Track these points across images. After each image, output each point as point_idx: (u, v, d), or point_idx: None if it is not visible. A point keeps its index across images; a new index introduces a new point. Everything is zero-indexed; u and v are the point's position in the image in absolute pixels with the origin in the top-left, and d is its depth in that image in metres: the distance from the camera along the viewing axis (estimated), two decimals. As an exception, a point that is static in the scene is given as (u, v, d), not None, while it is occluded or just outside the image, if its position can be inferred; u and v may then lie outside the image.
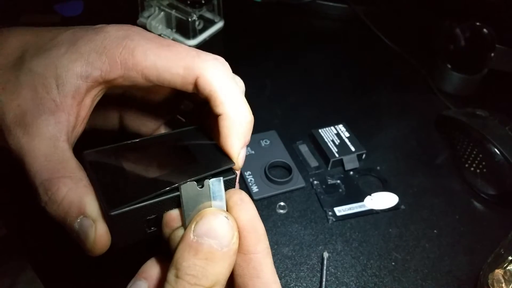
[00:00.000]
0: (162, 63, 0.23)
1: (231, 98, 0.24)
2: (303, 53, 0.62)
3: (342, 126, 0.48)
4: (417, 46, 0.63)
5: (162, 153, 0.25)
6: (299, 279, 0.36)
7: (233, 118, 0.24)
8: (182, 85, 0.24)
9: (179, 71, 0.23)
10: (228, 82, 0.24)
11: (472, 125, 0.45)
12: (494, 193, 0.43)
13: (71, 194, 0.21)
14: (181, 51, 0.24)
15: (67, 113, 0.23)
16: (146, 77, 0.23)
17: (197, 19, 0.58)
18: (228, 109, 0.24)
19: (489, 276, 0.34)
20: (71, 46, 0.23)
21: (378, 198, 0.42)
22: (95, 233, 0.21)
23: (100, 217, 0.21)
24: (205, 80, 0.23)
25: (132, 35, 0.24)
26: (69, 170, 0.22)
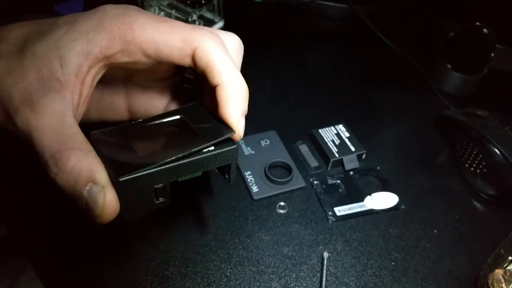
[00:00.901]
0: (160, 36, 0.24)
1: (228, 68, 0.25)
2: (303, 53, 0.62)
3: (342, 126, 0.48)
4: (417, 46, 0.63)
5: (164, 129, 0.26)
6: (299, 279, 0.36)
7: (230, 87, 0.25)
8: (179, 57, 0.24)
9: (177, 44, 0.24)
10: (224, 54, 0.25)
11: (472, 125, 0.45)
12: (494, 193, 0.43)
13: (81, 163, 0.22)
14: (178, 25, 0.25)
15: (71, 91, 0.23)
16: (145, 51, 0.24)
17: (197, 19, 0.58)
18: (225, 78, 0.24)
19: (489, 276, 0.34)
20: (70, 26, 0.24)
21: (378, 198, 0.42)
22: (104, 198, 0.22)
23: (109, 184, 0.22)
24: (202, 51, 0.24)
25: (129, 11, 0.24)
26: (78, 142, 0.22)
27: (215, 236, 0.38)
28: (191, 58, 0.25)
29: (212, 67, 0.24)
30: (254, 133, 0.48)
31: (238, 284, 0.35)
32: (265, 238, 0.39)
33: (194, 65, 0.25)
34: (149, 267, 0.36)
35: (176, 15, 0.57)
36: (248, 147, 0.46)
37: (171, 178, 0.23)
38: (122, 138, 0.25)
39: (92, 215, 0.22)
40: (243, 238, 0.38)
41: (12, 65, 0.23)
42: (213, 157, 0.24)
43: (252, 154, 0.45)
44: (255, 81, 0.55)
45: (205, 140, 0.24)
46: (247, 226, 0.39)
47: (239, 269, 0.36)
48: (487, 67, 0.54)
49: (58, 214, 0.38)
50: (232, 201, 0.41)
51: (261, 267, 0.36)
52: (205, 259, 0.36)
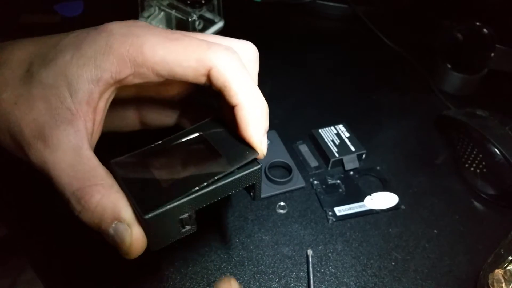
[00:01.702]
0: (172, 57, 0.23)
1: (245, 87, 0.24)
2: (303, 53, 0.62)
3: (342, 126, 0.48)
4: (417, 46, 0.63)
5: (185, 152, 0.25)
6: (299, 279, 0.36)
7: (249, 107, 0.24)
8: (194, 78, 0.24)
9: (191, 64, 0.23)
10: (241, 72, 0.24)
11: (472, 125, 0.45)
12: (494, 193, 0.43)
13: (105, 200, 0.21)
14: (191, 43, 0.23)
15: (84, 120, 0.22)
16: (157, 72, 0.23)
17: (197, 19, 0.58)
18: (243, 98, 0.24)
19: (489, 276, 0.34)
20: (76, 51, 0.23)
21: (378, 198, 0.42)
22: (131, 237, 0.21)
23: (135, 221, 0.22)
24: (217, 71, 0.23)
25: (137, 31, 0.23)
26: (99, 177, 0.22)
27: (215, 236, 0.38)
28: (207, 77, 0.24)
29: (229, 87, 0.23)
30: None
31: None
32: (265, 238, 0.39)
33: (210, 84, 0.24)
34: (149, 267, 0.36)
35: (176, 15, 0.57)
36: (248, 147, 0.46)
37: (196, 206, 0.23)
38: (143, 166, 0.24)
39: (120, 252, 0.22)
40: (243, 238, 0.38)
41: (19, 94, 0.22)
42: (239, 180, 0.24)
43: (252, 154, 0.45)
44: (255, 81, 0.56)
45: (229, 163, 0.24)
46: (247, 226, 0.39)
47: (239, 269, 0.36)
48: (487, 67, 0.54)
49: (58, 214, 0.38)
50: (232, 201, 0.41)
51: (261, 267, 0.36)
52: (205, 259, 0.36)
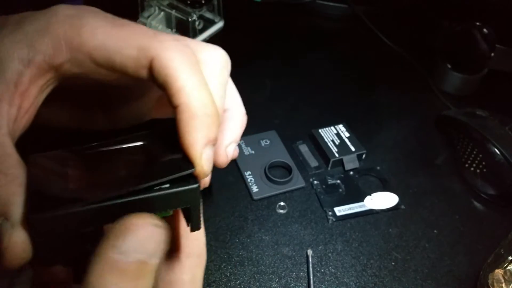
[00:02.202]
0: (112, 42, 0.20)
1: (190, 86, 0.20)
2: (303, 53, 0.62)
3: (342, 126, 0.48)
4: (417, 46, 0.63)
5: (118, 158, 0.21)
6: (299, 279, 0.36)
7: (193, 109, 0.19)
8: (134, 69, 0.20)
9: (132, 52, 0.20)
10: (189, 66, 0.20)
11: (472, 125, 0.44)
12: (494, 193, 0.43)
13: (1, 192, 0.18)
14: (137, 30, 0.20)
15: (8, 103, 0.19)
16: (95, 59, 0.20)
17: (197, 19, 0.58)
18: (187, 97, 0.19)
19: (489, 276, 0.34)
20: (17, 26, 0.20)
21: (378, 198, 0.42)
22: (9, 239, 0.17)
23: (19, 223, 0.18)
24: (160, 62, 0.19)
25: (83, 13, 0.20)
26: (5, 166, 0.18)
27: (215, 236, 0.38)
28: (148, 71, 0.20)
29: (171, 83, 0.19)
30: (254, 133, 0.48)
31: (238, 284, 0.35)
32: (265, 238, 0.39)
33: (152, 80, 0.20)
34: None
35: (176, 15, 0.57)
36: (248, 147, 0.46)
37: (105, 221, 0.18)
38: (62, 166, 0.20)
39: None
40: (243, 238, 0.38)
41: None
42: (162, 198, 0.19)
43: (252, 154, 0.45)
44: (255, 81, 0.56)
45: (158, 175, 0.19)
46: (247, 226, 0.39)
47: (239, 269, 0.36)
48: (487, 67, 0.54)
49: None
50: (232, 201, 0.41)
51: (261, 267, 0.36)
52: (205, 259, 0.36)
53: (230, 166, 0.44)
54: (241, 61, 0.57)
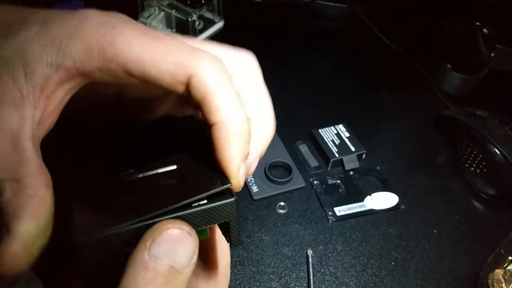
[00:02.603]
0: (149, 56, 0.19)
1: (228, 104, 0.20)
2: (303, 53, 0.62)
3: (342, 126, 0.48)
4: (417, 46, 0.63)
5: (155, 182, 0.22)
6: (299, 279, 0.36)
7: (230, 127, 0.20)
8: (171, 84, 0.20)
9: (169, 67, 0.20)
10: (226, 86, 0.21)
11: (472, 125, 0.44)
12: (494, 193, 0.43)
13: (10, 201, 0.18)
14: (174, 44, 0.20)
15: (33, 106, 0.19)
16: (129, 71, 0.20)
17: (197, 19, 0.58)
18: (224, 116, 0.20)
19: (489, 276, 0.34)
20: (42, 28, 0.20)
21: (378, 198, 0.42)
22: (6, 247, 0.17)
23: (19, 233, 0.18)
24: (199, 80, 0.20)
25: (115, 22, 0.20)
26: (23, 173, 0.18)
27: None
28: (186, 87, 0.20)
29: (209, 101, 0.20)
30: (254, 133, 0.48)
31: (238, 284, 0.35)
32: (265, 238, 0.39)
33: (189, 95, 0.20)
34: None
35: (176, 15, 0.57)
36: (248, 147, 0.46)
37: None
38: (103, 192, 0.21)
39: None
40: (243, 238, 0.38)
41: None
42: (201, 214, 0.20)
43: (252, 154, 0.45)
44: (255, 81, 0.56)
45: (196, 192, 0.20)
46: (247, 226, 0.39)
47: (239, 269, 0.36)
48: (487, 67, 0.54)
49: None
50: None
51: (261, 267, 0.36)
52: (205, 259, 0.36)
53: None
54: (241, 61, 0.57)
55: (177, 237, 0.18)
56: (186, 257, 0.18)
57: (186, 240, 0.18)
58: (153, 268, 0.17)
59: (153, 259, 0.17)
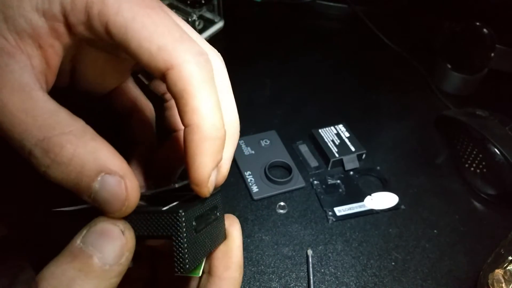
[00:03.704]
0: (134, 27, 0.18)
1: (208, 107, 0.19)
2: (303, 53, 0.62)
3: (342, 126, 0.48)
4: (417, 46, 0.63)
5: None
6: (299, 279, 0.36)
7: (206, 132, 0.19)
8: (147, 64, 0.18)
9: (151, 48, 0.18)
10: (209, 87, 0.19)
11: (472, 125, 0.44)
12: (494, 193, 0.43)
13: (81, 151, 0.17)
14: (164, 23, 0.18)
15: (26, 55, 0.18)
16: (110, 34, 0.18)
17: (197, 19, 0.58)
18: (202, 120, 0.18)
19: (489, 276, 0.34)
20: None
21: (378, 198, 0.42)
22: (127, 189, 0.17)
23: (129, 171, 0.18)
24: (179, 74, 0.18)
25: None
26: (65, 124, 0.17)
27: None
28: (162, 75, 0.18)
29: (187, 100, 0.18)
30: (254, 133, 0.48)
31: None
32: (265, 238, 0.39)
33: (165, 83, 0.19)
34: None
35: (176, 15, 0.57)
36: (248, 147, 0.46)
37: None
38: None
39: (108, 210, 0.18)
40: (243, 238, 0.38)
41: None
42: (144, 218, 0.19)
43: (252, 154, 0.45)
44: (255, 81, 0.56)
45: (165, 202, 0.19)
46: (247, 226, 0.39)
47: (239, 269, 0.36)
48: (487, 67, 0.54)
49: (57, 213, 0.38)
50: (232, 201, 0.41)
51: (261, 267, 0.36)
52: (205, 259, 0.36)
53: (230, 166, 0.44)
54: (241, 61, 0.58)
55: (107, 231, 0.18)
56: (112, 254, 0.17)
57: (115, 236, 0.18)
58: (78, 255, 0.17)
59: (81, 246, 0.17)
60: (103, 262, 0.17)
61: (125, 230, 0.18)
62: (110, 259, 0.17)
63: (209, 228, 0.21)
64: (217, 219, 0.22)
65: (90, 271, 0.17)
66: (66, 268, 0.17)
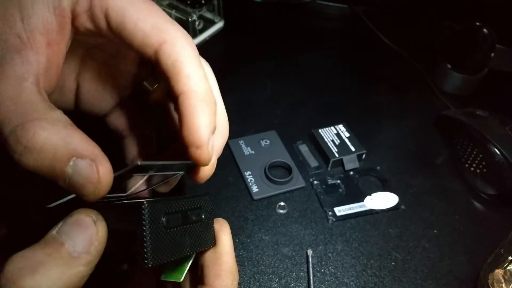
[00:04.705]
0: (130, 10, 0.20)
1: (199, 73, 0.20)
2: (303, 53, 0.62)
3: (342, 126, 0.48)
4: (417, 46, 0.63)
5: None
6: (299, 279, 0.36)
7: (201, 95, 0.20)
8: (142, 43, 0.20)
9: (145, 27, 0.20)
10: (197, 58, 0.21)
11: (472, 125, 0.45)
12: (494, 193, 0.43)
13: (53, 137, 0.18)
14: (156, 10, 0.21)
15: (35, 51, 0.19)
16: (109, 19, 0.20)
17: (197, 19, 0.58)
18: (195, 84, 0.20)
19: (489, 276, 0.34)
20: None
21: (378, 198, 0.42)
22: (99, 172, 0.18)
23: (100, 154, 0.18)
24: (172, 47, 0.20)
25: None
26: (42, 113, 0.18)
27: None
28: (155, 52, 0.20)
29: (180, 69, 0.20)
30: (254, 133, 0.48)
31: (238, 284, 0.35)
32: (265, 238, 0.39)
33: (157, 61, 0.21)
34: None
35: (176, 15, 0.57)
36: (248, 147, 0.46)
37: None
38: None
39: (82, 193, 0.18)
40: (243, 238, 0.38)
41: None
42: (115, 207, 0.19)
43: (252, 154, 0.45)
44: (255, 81, 0.56)
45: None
46: (247, 226, 0.39)
47: (239, 269, 0.36)
48: (487, 67, 0.54)
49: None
50: (232, 201, 0.41)
51: (261, 267, 0.36)
52: (205, 259, 0.36)
53: (230, 166, 0.44)
54: (241, 61, 0.58)
55: (79, 222, 0.18)
56: (82, 242, 0.18)
57: (87, 226, 0.18)
58: (50, 242, 0.18)
59: (55, 236, 0.18)
60: (73, 249, 0.18)
61: (97, 221, 0.19)
62: (80, 247, 0.18)
63: (188, 228, 0.20)
64: (201, 221, 0.21)
65: (59, 257, 0.17)
66: (37, 253, 0.17)
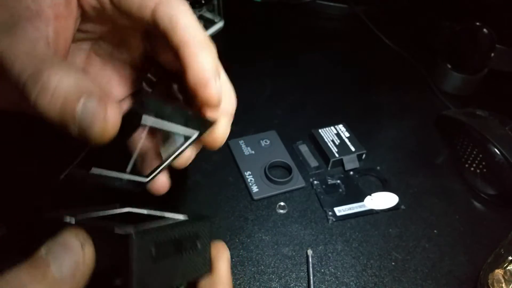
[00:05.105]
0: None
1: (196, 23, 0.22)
2: (303, 53, 0.62)
3: (342, 126, 0.48)
4: (417, 46, 0.63)
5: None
6: (299, 279, 0.36)
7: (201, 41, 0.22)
8: (139, 7, 0.22)
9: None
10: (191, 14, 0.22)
11: (472, 125, 0.45)
12: (494, 193, 0.43)
13: (65, 80, 0.18)
14: None
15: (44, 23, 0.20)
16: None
17: (197, 19, 0.58)
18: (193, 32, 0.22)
19: (489, 276, 0.34)
20: None
21: (378, 198, 0.42)
22: (106, 111, 0.18)
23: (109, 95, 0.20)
24: (167, 5, 0.22)
25: None
26: (55, 61, 0.19)
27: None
28: (152, 12, 0.22)
29: (177, 21, 0.21)
30: (254, 133, 0.48)
31: (238, 284, 0.35)
32: (265, 238, 0.39)
33: (155, 22, 0.22)
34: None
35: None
36: (248, 147, 0.46)
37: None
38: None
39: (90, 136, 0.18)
40: (243, 238, 0.38)
41: None
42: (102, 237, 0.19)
43: (252, 154, 0.45)
44: (255, 81, 0.56)
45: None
46: (247, 226, 0.39)
47: (239, 269, 0.36)
48: (487, 67, 0.54)
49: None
50: (232, 201, 0.41)
51: (261, 267, 0.36)
52: (205, 259, 0.36)
53: (230, 166, 0.44)
54: (241, 61, 0.58)
55: (67, 243, 0.18)
56: (66, 266, 0.18)
57: (74, 250, 0.18)
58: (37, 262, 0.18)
59: (42, 255, 0.18)
60: (59, 273, 0.17)
61: (85, 245, 0.19)
62: (65, 270, 0.18)
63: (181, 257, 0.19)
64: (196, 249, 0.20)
65: (43, 279, 0.17)
66: (22, 274, 0.17)
